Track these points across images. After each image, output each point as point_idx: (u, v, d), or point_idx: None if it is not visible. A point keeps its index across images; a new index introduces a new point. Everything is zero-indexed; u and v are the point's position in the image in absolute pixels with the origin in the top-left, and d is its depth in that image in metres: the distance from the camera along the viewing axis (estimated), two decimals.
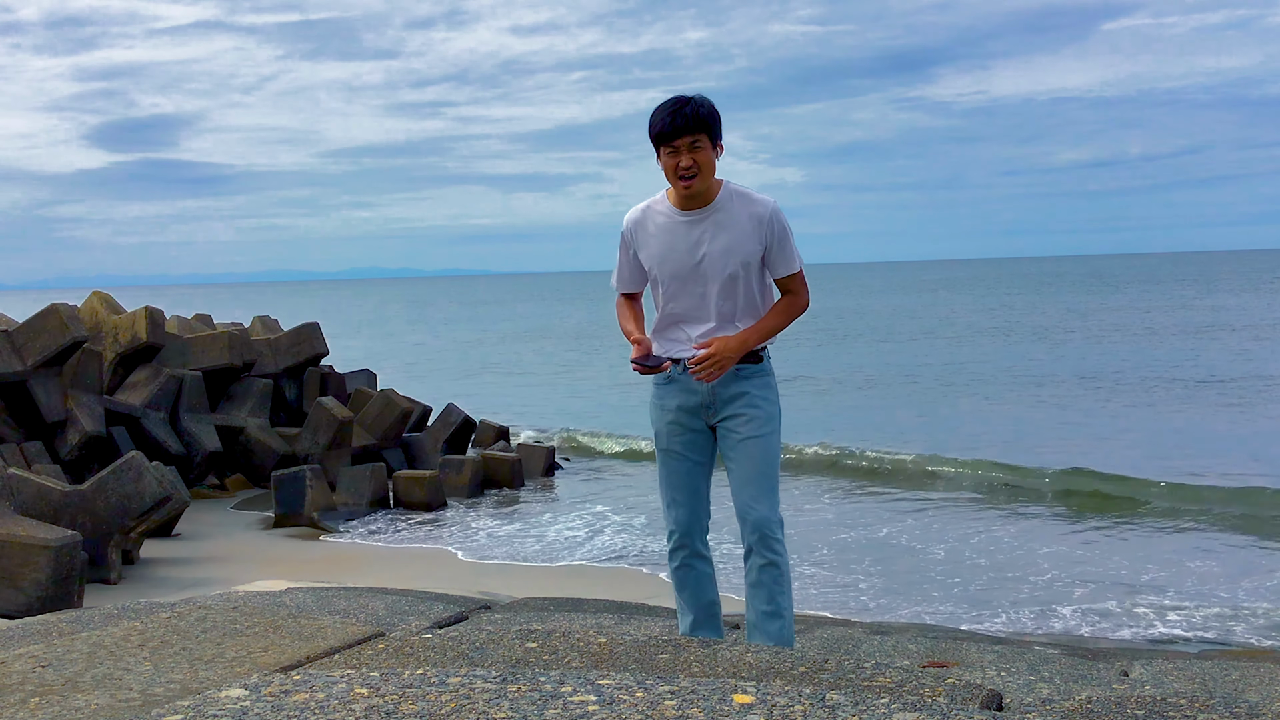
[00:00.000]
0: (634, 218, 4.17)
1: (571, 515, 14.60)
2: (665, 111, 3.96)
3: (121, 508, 10.38)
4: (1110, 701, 2.90)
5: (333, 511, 14.14)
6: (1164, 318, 52.36)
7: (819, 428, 20.48)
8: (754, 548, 4.06)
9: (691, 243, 4.03)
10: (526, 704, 2.34)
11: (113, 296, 17.25)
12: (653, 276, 4.15)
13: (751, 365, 4.09)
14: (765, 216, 4.03)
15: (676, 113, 3.93)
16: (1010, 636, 7.55)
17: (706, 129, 3.96)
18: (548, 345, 50.66)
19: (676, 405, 4.14)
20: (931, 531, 13.15)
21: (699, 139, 3.94)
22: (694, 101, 3.97)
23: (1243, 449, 18.47)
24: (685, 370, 4.09)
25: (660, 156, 4.00)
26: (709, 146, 3.98)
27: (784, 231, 4.07)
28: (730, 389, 4.08)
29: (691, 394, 4.10)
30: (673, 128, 3.92)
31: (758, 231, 4.03)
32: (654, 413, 4.22)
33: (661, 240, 4.08)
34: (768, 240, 4.04)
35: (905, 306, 74.44)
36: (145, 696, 2.96)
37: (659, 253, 4.09)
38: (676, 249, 4.05)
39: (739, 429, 4.07)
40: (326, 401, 16.26)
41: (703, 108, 3.97)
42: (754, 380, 4.10)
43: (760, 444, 4.06)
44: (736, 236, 4.01)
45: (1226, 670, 4.75)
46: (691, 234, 4.04)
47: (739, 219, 4.03)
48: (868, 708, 2.35)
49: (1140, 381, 27.96)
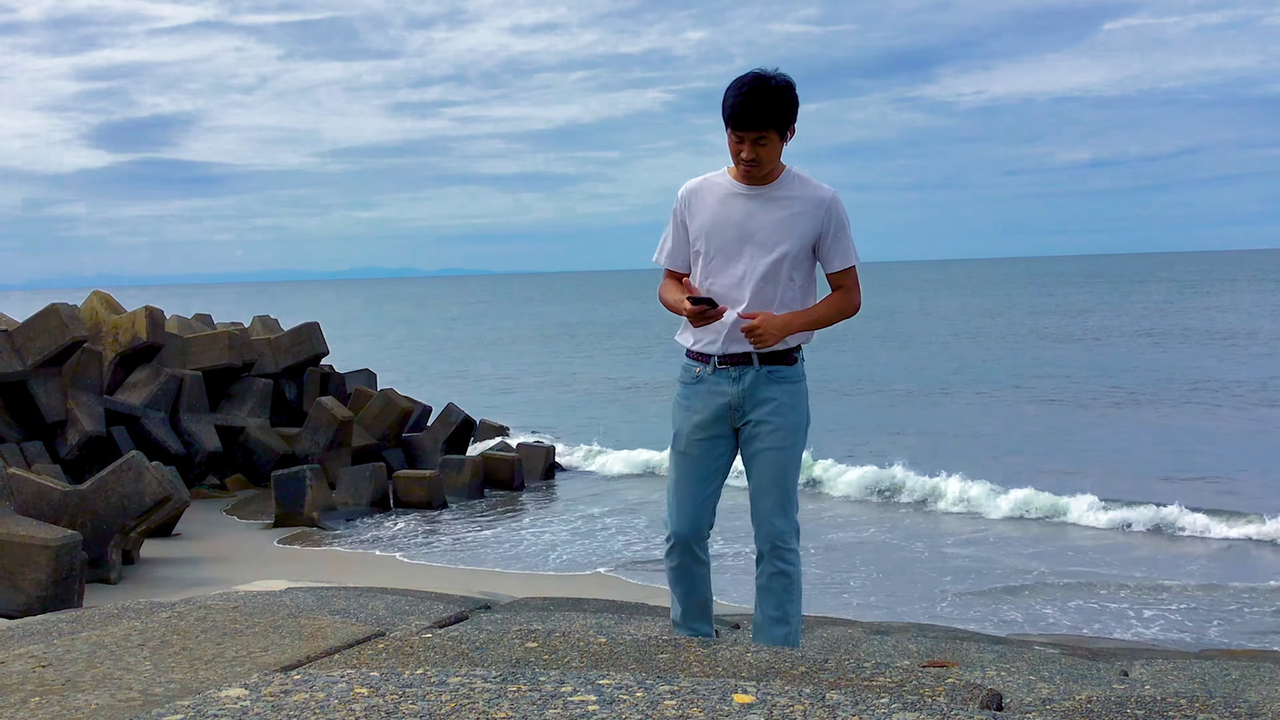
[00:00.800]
0: (691, 186, 4.02)
1: (571, 515, 14.61)
2: (740, 95, 3.76)
3: (121, 508, 10.38)
4: (1110, 701, 2.90)
5: (333, 511, 14.14)
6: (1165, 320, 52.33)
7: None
8: (766, 555, 4.02)
9: (745, 214, 3.91)
10: (526, 704, 2.34)
11: (113, 296, 17.25)
12: (696, 251, 4.01)
13: (785, 368, 3.98)
14: (826, 201, 3.92)
15: (749, 103, 3.74)
16: (1010, 636, 7.55)
17: (777, 123, 3.79)
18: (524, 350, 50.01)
19: (703, 407, 4.01)
20: (932, 530, 13.15)
21: (766, 135, 3.79)
22: (770, 89, 3.75)
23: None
24: (715, 370, 3.98)
25: (728, 132, 3.86)
26: (777, 141, 3.84)
27: (843, 221, 3.95)
28: (760, 393, 3.96)
29: (719, 395, 3.98)
30: (742, 120, 3.77)
31: (815, 214, 3.90)
32: (678, 413, 4.09)
33: (715, 210, 3.95)
34: (825, 226, 3.91)
35: (904, 306, 74.42)
36: (145, 696, 2.96)
37: (709, 222, 3.95)
38: (729, 218, 3.92)
39: (764, 437, 3.96)
40: (326, 401, 16.26)
41: (779, 100, 3.77)
42: (784, 386, 3.98)
43: (783, 455, 3.97)
44: (792, 215, 3.90)
45: (1226, 670, 4.75)
46: (747, 205, 3.91)
47: (797, 199, 3.91)
48: (868, 708, 2.35)
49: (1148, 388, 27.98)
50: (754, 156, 3.81)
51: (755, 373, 3.95)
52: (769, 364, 3.96)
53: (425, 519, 14.42)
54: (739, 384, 3.96)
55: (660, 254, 4.14)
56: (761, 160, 3.83)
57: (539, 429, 22.45)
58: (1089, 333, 45.04)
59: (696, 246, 4.00)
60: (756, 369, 3.95)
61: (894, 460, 16.13)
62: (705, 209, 3.97)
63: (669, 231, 4.09)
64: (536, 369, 38.97)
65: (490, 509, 15.12)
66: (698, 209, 3.98)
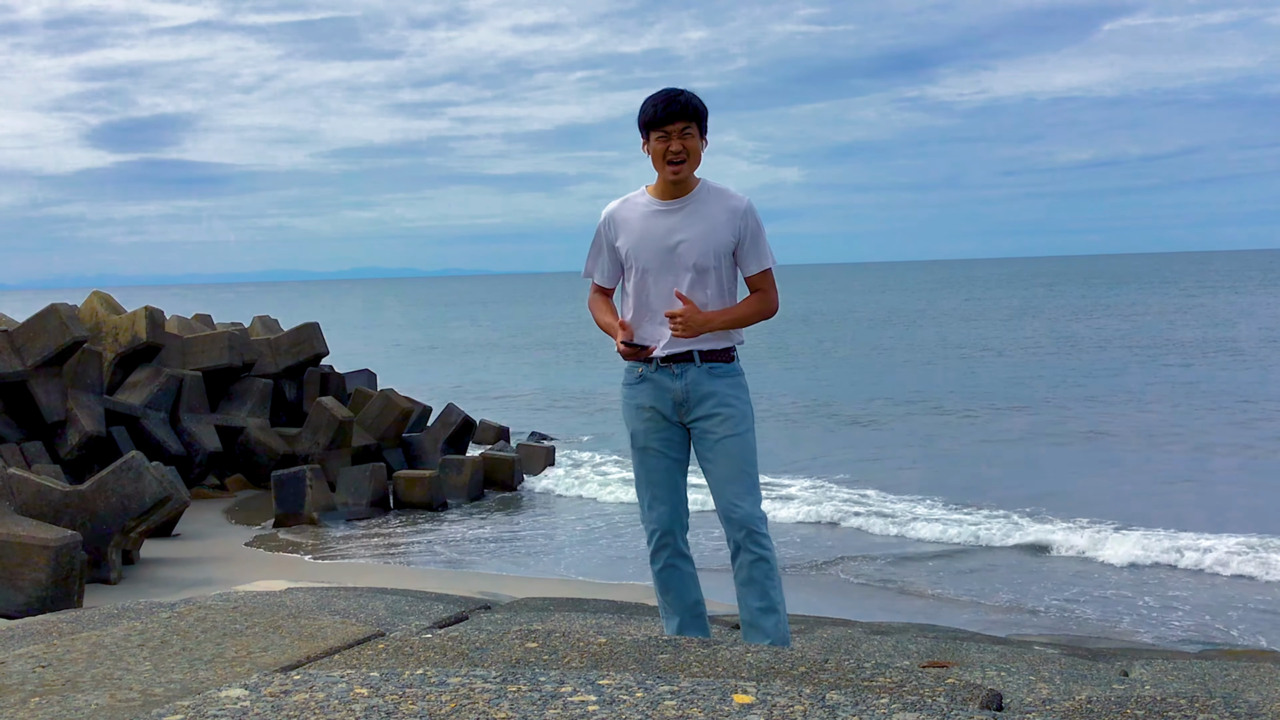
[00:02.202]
0: (613, 208, 4.27)
1: (570, 515, 14.60)
2: (659, 99, 4.10)
3: (121, 508, 10.38)
4: (1110, 701, 2.90)
5: (333, 511, 14.14)
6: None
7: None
8: (741, 545, 4.10)
9: (668, 229, 4.13)
10: (526, 704, 2.34)
11: (113, 296, 17.25)
12: (628, 266, 4.23)
13: (723, 364, 4.16)
14: (740, 209, 4.15)
15: (671, 100, 4.08)
16: (1010, 636, 7.55)
17: (697, 119, 4.11)
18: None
19: (651, 404, 4.18)
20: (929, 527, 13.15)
21: (690, 127, 4.08)
22: (686, 93, 4.13)
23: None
24: (657, 368, 4.15)
25: (650, 143, 4.14)
26: (698, 135, 4.12)
27: (758, 227, 4.19)
28: (702, 388, 4.13)
29: (664, 392, 4.16)
30: (666, 114, 4.07)
31: (732, 223, 4.13)
32: (627, 413, 4.27)
33: (638, 227, 4.19)
34: (741, 233, 4.14)
35: (904, 306, 74.46)
36: (145, 696, 2.95)
37: (635, 239, 4.18)
38: (653, 234, 4.15)
39: (715, 429, 4.12)
40: (326, 401, 16.26)
41: (694, 99, 4.12)
42: (725, 380, 4.15)
43: (738, 441, 4.11)
44: (711, 226, 4.12)
45: (1226, 670, 4.75)
46: (668, 221, 4.14)
47: (714, 210, 4.14)
48: (868, 708, 2.35)
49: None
50: (681, 148, 4.08)
51: (697, 370, 4.15)
52: (708, 362, 4.16)
53: (425, 519, 14.42)
54: (682, 379, 4.15)
55: (591, 272, 4.39)
56: (689, 153, 4.10)
57: (538, 428, 22.46)
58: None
59: (627, 264, 4.24)
60: (698, 365, 4.15)
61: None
62: (629, 228, 4.22)
63: (595, 251, 4.35)
64: (537, 370, 38.99)
65: (490, 509, 15.12)
66: (622, 228, 4.24)
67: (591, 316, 4.39)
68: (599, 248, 4.32)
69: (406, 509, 14.91)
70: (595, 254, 4.34)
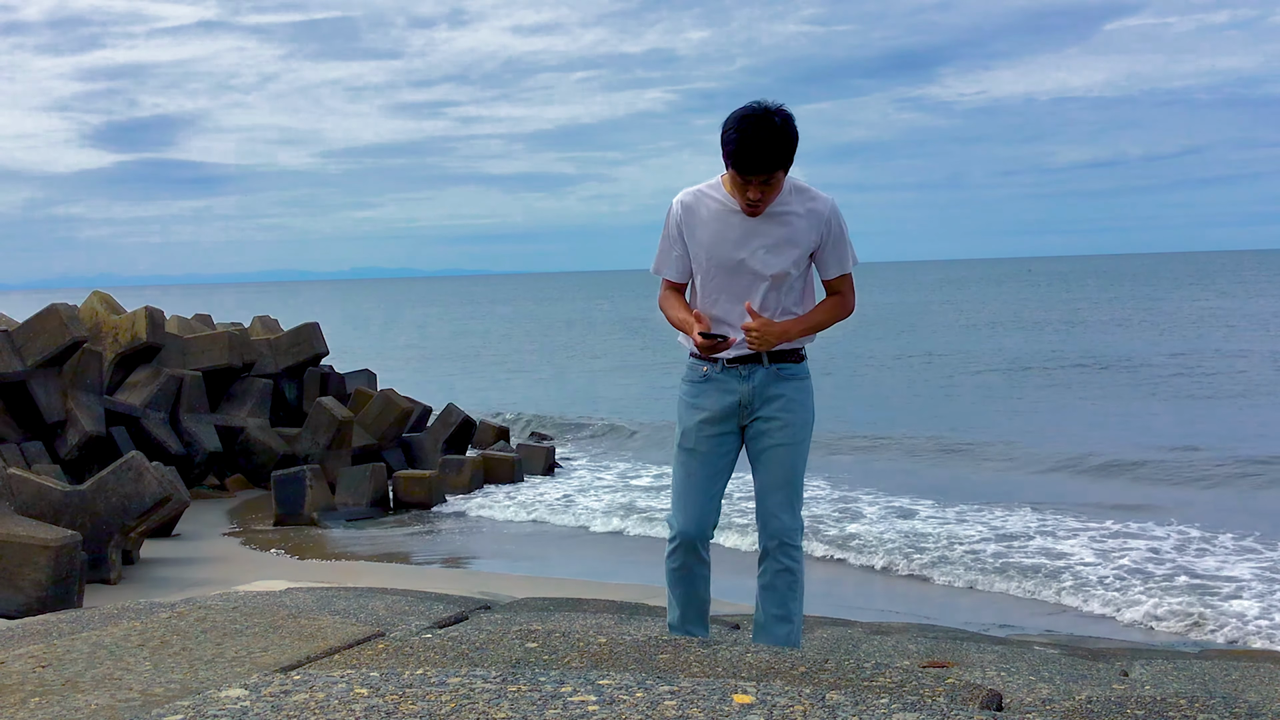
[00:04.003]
0: (686, 201, 4.01)
1: (569, 515, 14.59)
2: (745, 140, 3.72)
3: (121, 508, 10.38)
4: (1110, 701, 2.90)
5: (333, 511, 14.14)
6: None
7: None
8: (771, 552, 4.04)
9: (745, 232, 3.92)
10: (526, 704, 2.34)
11: (113, 296, 17.23)
12: (698, 267, 4.02)
13: (792, 365, 4.04)
14: (824, 213, 3.95)
15: (755, 146, 3.71)
16: (1010, 637, 7.55)
17: (784, 164, 3.81)
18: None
19: (712, 405, 4.03)
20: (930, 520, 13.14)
21: (773, 176, 3.81)
22: (775, 129, 3.72)
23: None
24: (724, 369, 4.01)
25: (728, 168, 3.84)
26: (782, 177, 3.87)
27: (841, 230, 4.00)
28: (770, 390, 4.00)
29: (729, 394, 4.01)
30: (749, 164, 3.75)
31: (815, 227, 3.95)
32: (683, 411, 4.10)
33: (713, 227, 3.95)
34: (824, 237, 3.97)
35: (903, 305, 74.45)
36: (145, 696, 2.95)
37: (708, 239, 3.96)
38: (727, 239, 3.93)
39: (773, 434, 4.00)
40: (326, 401, 16.26)
41: (784, 139, 3.74)
42: (792, 383, 4.03)
43: (791, 452, 4.01)
44: (793, 232, 3.93)
45: (1226, 670, 4.75)
46: (746, 224, 3.92)
47: (796, 212, 3.94)
48: (868, 708, 2.35)
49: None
50: (759, 196, 3.84)
51: (765, 371, 4.00)
52: (777, 362, 4.01)
53: (425, 519, 14.42)
54: (749, 381, 4.00)
55: (660, 266, 4.14)
56: (767, 199, 3.86)
57: (540, 427, 22.46)
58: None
59: (697, 262, 4.02)
60: (766, 367, 4.00)
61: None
62: (703, 225, 3.98)
63: (667, 244, 4.09)
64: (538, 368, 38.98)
65: (488, 507, 15.11)
66: (695, 225, 3.99)
67: (663, 314, 4.16)
68: (670, 242, 4.07)
69: (406, 509, 14.92)
70: (666, 248, 4.09)
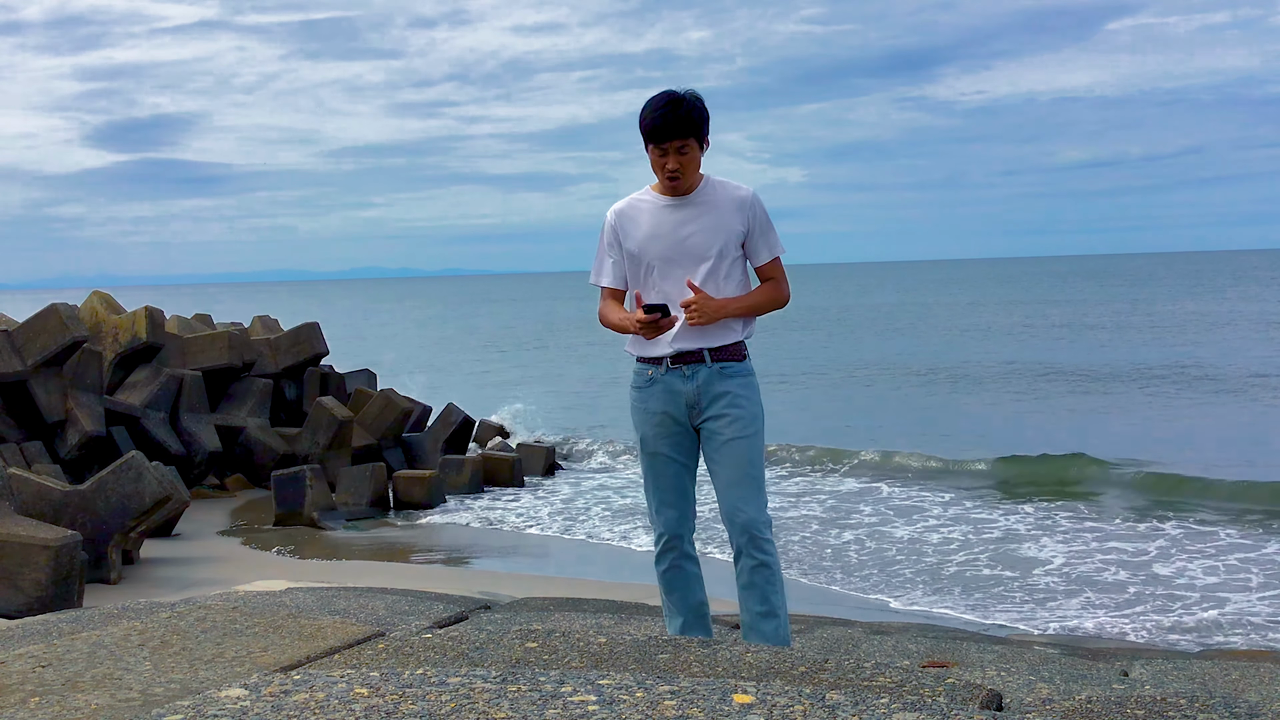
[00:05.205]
0: (619, 209, 4.26)
1: (568, 515, 14.60)
2: (656, 112, 4.07)
3: (121, 508, 10.38)
4: (1110, 701, 2.90)
5: (333, 511, 14.14)
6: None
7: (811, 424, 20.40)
8: (744, 549, 4.09)
9: (677, 222, 4.15)
10: (526, 704, 2.34)
11: (113, 296, 17.23)
12: (637, 265, 4.21)
13: (735, 364, 4.14)
14: (747, 200, 4.18)
15: (666, 116, 4.05)
16: (1010, 636, 7.56)
17: (695, 132, 4.09)
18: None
19: (661, 407, 4.16)
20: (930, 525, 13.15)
21: (686, 144, 4.08)
22: (685, 103, 4.08)
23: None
24: (667, 370, 4.13)
25: (648, 149, 4.15)
26: (696, 148, 4.12)
27: (765, 216, 4.22)
28: (715, 388, 4.10)
29: (675, 394, 4.13)
30: (662, 132, 4.06)
31: (740, 213, 4.16)
32: (637, 416, 4.24)
33: (647, 224, 4.19)
34: (750, 223, 4.17)
35: (905, 304, 74.44)
36: (145, 696, 2.96)
37: (644, 236, 4.18)
38: (662, 230, 4.16)
39: (723, 430, 4.10)
40: (326, 401, 16.26)
41: (694, 110, 4.09)
42: (737, 380, 4.14)
43: (746, 444, 4.09)
44: (720, 217, 4.15)
45: (1226, 670, 4.75)
46: (677, 214, 4.16)
47: (722, 201, 4.17)
48: (868, 708, 2.35)
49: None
50: (677, 165, 4.09)
51: (708, 370, 4.12)
52: (720, 361, 4.14)
53: (425, 519, 14.42)
54: (693, 381, 4.13)
55: (599, 276, 4.34)
56: (685, 168, 4.10)
57: (539, 426, 22.43)
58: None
59: (637, 262, 4.21)
60: (709, 366, 4.13)
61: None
62: (637, 226, 4.21)
63: (602, 252, 4.31)
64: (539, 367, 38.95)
65: (489, 507, 15.11)
66: (630, 227, 4.22)
67: (606, 324, 4.30)
68: (605, 250, 4.29)
69: (406, 509, 14.92)
70: (602, 257, 4.32)
